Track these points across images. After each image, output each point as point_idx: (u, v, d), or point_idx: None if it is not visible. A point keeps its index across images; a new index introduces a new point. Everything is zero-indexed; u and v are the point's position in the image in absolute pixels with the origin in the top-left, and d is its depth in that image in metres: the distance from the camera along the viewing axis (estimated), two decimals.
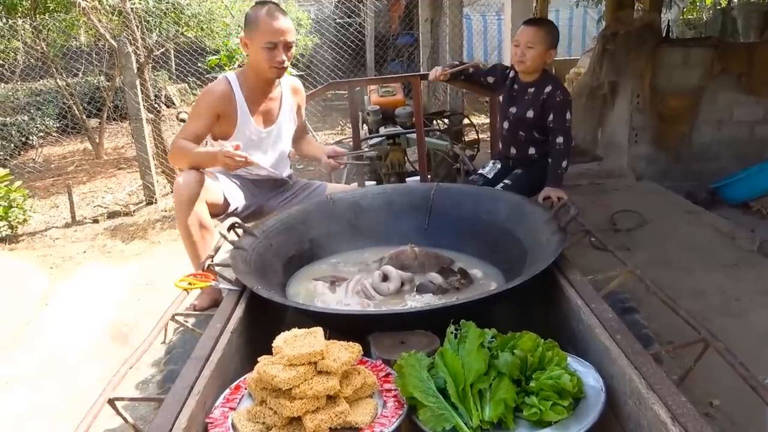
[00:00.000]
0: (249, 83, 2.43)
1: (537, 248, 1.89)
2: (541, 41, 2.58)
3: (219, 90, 2.36)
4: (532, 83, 2.68)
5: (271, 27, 2.32)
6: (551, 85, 2.62)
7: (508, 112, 2.74)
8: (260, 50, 2.33)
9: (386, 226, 2.33)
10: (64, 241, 5.11)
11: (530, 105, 2.66)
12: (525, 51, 2.59)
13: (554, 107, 2.60)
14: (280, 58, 2.36)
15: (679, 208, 4.58)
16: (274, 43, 2.33)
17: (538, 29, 2.60)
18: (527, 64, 2.62)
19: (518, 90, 2.73)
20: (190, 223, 2.12)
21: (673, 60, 5.10)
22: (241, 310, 1.65)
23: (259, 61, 2.36)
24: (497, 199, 2.23)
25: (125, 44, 5.29)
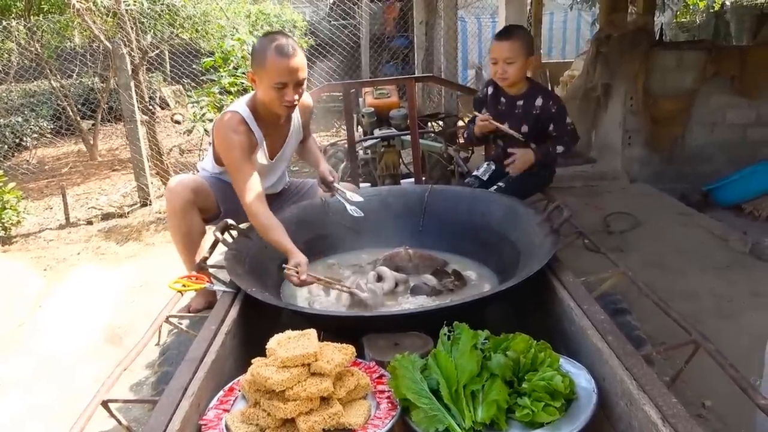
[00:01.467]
0: (261, 116, 2.28)
1: (530, 250, 1.90)
2: (519, 53, 2.48)
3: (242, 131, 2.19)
4: (520, 96, 2.61)
5: (281, 67, 2.12)
6: (542, 97, 2.56)
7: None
8: (269, 89, 2.15)
9: (381, 227, 2.34)
10: (58, 242, 5.09)
11: (522, 119, 2.58)
12: (505, 68, 2.49)
13: (552, 118, 2.55)
14: (291, 97, 2.17)
15: (672, 210, 4.60)
16: (283, 83, 2.14)
17: (513, 43, 2.48)
18: (510, 80, 2.53)
19: (506, 104, 2.65)
20: (182, 229, 2.10)
21: (667, 63, 5.12)
22: (235, 312, 1.66)
23: (267, 99, 2.20)
24: (491, 202, 2.25)
25: (120, 46, 5.28)
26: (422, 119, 5.38)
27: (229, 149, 2.17)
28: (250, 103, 2.30)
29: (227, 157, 2.19)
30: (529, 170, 2.55)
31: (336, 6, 14.11)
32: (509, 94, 2.63)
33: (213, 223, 2.30)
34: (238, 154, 2.15)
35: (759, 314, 3.09)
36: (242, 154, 2.16)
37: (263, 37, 2.26)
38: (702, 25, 9.72)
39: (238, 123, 2.21)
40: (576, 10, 10.49)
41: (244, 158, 2.16)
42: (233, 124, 2.20)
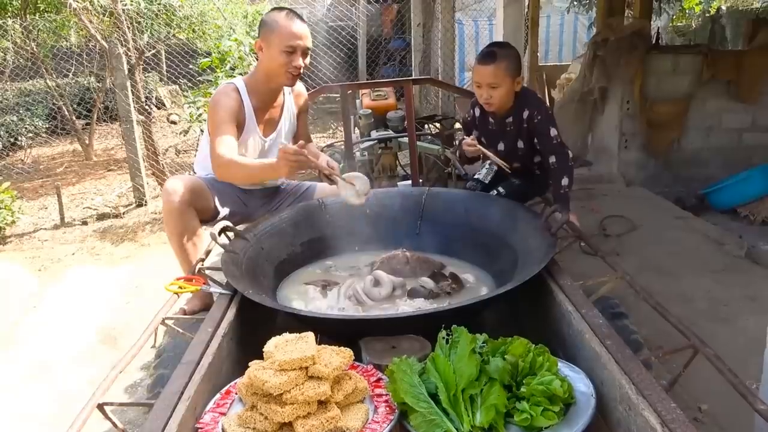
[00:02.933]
0: (257, 90, 2.38)
1: (528, 253, 1.90)
2: (504, 77, 2.29)
3: (232, 96, 2.30)
4: (507, 113, 2.42)
5: (291, 31, 2.27)
6: (527, 108, 2.37)
7: (497, 150, 2.49)
8: (278, 54, 2.28)
9: (378, 230, 2.33)
10: (52, 242, 5.07)
11: (516, 136, 2.45)
12: (490, 92, 2.31)
13: (536, 130, 2.39)
14: (298, 63, 2.31)
15: (669, 213, 4.61)
16: (293, 47, 2.28)
17: (496, 67, 2.28)
18: (497, 105, 2.37)
19: (496, 125, 2.49)
20: (179, 230, 2.10)
21: (663, 67, 5.14)
22: (231, 314, 1.65)
23: (274, 65, 2.31)
24: (489, 205, 2.24)
25: (116, 45, 5.27)
26: (419, 121, 5.38)
27: (215, 110, 2.29)
28: (248, 77, 2.42)
29: (212, 118, 2.30)
30: (532, 176, 2.51)
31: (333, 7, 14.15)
32: (498, 115, 2.46)
33: (210, 224, 2.29)
34: (222, 114, 2.26)
35: (755, 318, 3.10)
36: (227, 115, 2.26)
37: (272, 9, 2.39)
38: (698, 29, 9.76)
39: (231, 89, 2.34)
40: (573, 13, 10.50)
41: (228, 120, 2.26)
42: (226, 90, 2.35)
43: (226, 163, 2.16)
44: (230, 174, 2.23)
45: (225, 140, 2.20)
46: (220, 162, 2.18)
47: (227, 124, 2.22)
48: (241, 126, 2.33)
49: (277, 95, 2.46)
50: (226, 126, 2.22)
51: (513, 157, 2.50)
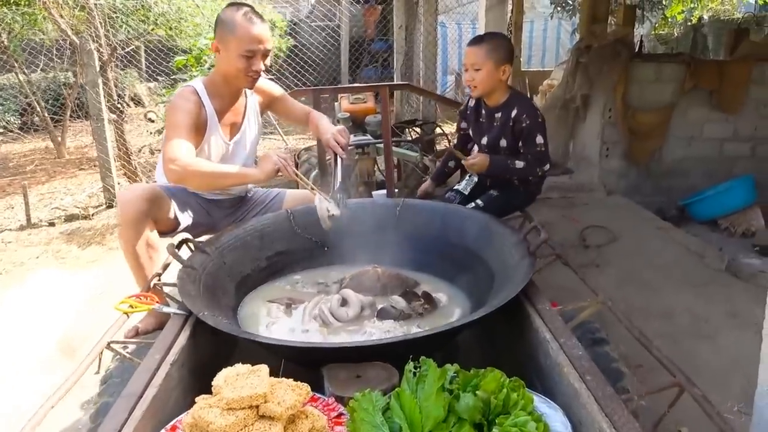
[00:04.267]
0: (218, 92, 2.24)
1: (505, 272, 1.80)
2: (487, 60, 2.34)
3: (191, 100, 2.15)
4: (498, 107, 2.46)
5: (250, 34, 2.12)
6: (517, 107, 2.40)
7: (481, 145, 2.53)
8: (236, 58, 2.14)
9: (349, 243, 2.22)
10: (16, 245, 4.87)
11: (501, 132, 2.44)
12: (474, 75, 2.38)
13: (521, 132, 2.39)
14: (258, 67, 2.18)
15: (649, 224, 4.55)
16: (252, 52, 2.14)
17: (479, 48, 2.36)
18: (479, 89, 2.41)
19: (485, 116, 2.52)
20: (134, 242, 1.95)
21: (646, 75, 5.09)
22: (184, 338, 1.52)
23: (232, 69, 2.17)
24: (465, 218, 2.14)
25: (87, 41, 5.09)
26: (399, 126, 5.28)
27: (172, 114, 2.13)
28: (207, 79, 2.28)
29: (169, 120, 2.13)
30: (511, 189, 2.44)
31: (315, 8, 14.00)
32: (489, 106, 2.49)
33: (171, 236, 2.16)
34: (180, 117, 2.11)
35: (736, 335, 3.04)
36: (184, 119, 2.11)
37: (229, 6, 2.23)
38: (680, 37, 9.78)
39: (190, 93, 2.20)
40: (556, 19, 10.48)
41: (185, 125, 2.10)
42: (184, 93, 2.20)
43: (182, 167, 1.99)
44: (185, 178, 2.04)
45: (179, 143, 2.04)
46: (174, 165, 1.99)
47: (183, 129, 2.07)
48: (203, 129, 2.19)
49: (239, 96, 2.33)
50: (182, 130, 2.07)
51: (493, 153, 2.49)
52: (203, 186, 2.17)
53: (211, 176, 2.05)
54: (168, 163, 1.99)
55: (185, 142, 2.06)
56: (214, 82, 2.25)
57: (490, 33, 2.60)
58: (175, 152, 2.01)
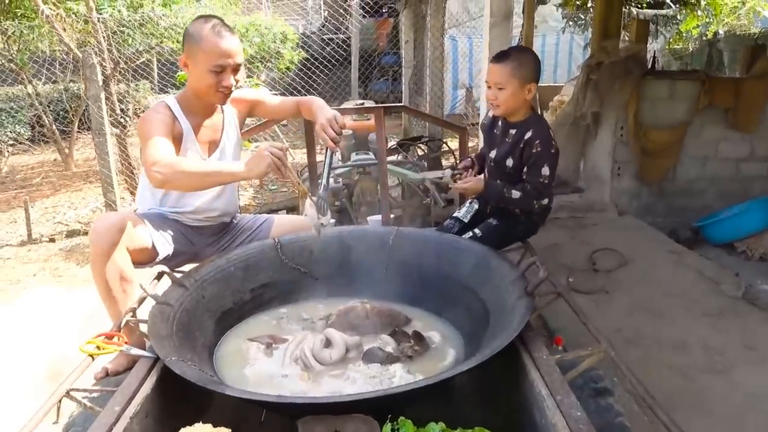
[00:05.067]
0: (191, 108, 2.13)
1: (501, 312, 1.67)
2: (512, 78, 2.19)
3: (164, 113, 2.05)
4: (515, 124, 2.30)
5: (219, 48, 2.01)
6: (533, 130, 2.21)
7: (488, 157, 2.39)
8: (205, 73, 2.03)
9: (339, 274, 2.11)
10: (15, 261, 4.81)
11: (510, 151, 2.29)
12: (497, 93, 2.22)
13: (529, 158, 2.22)
14: (228, 82, 2.07)
15: (662, 247, 4.39)
16: (222, 66, 2.03)
17: (504, 66, 2.20)
18: (502, 108, 2.25)
19: (500, 130, 2.37)
20: (107, 276, 1.83)
21: (659, 92, 4.95)
22: (150, 385, 1.41)
23: (202, 86, 2.07)
24: (461, 250, 2.01)
25: (90, 55, 5.04)
26: (405, 142, 5.18)
27: (146, 124, 2.01)
28: (180, 95, 2.18)
29: (143, 132, 1.99)
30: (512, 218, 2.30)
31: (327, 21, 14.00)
32: (507, 120, 2.35)
33: (150, 266, 2.04)
34: (155, 125, 1.99)
35: (752, 369, 2.88)
36: (160, 126, 2.00)
37: (197, 19, 2.11)
38: (695, 53, 9.61)
39: (162, 107, 2.09)
40: (569, 33, 10.35)
41: (162, 131, 1.99)
42: (157, 107, 2.10)
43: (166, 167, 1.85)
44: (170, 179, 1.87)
45: (158, 146, 1.92)
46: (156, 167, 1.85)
47: (161, 134, 1.96)
48: (178, 143, 2.08)
49: (214, 111, 2.22)
50: (160, 135, 1.95)
51: (497, 172, 2.37)
52: (191, 186, 1.99)
53: (198, 176, 1.89)
54: (150, 167, 1.87)
55: (165, 144, 1.95)
56: (187, 98, 2.15)
57: (516, 48, 2.43)
58: (156, 155, 1.89)
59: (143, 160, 1.98)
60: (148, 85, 11.67)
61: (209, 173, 1.89)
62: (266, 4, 12.70)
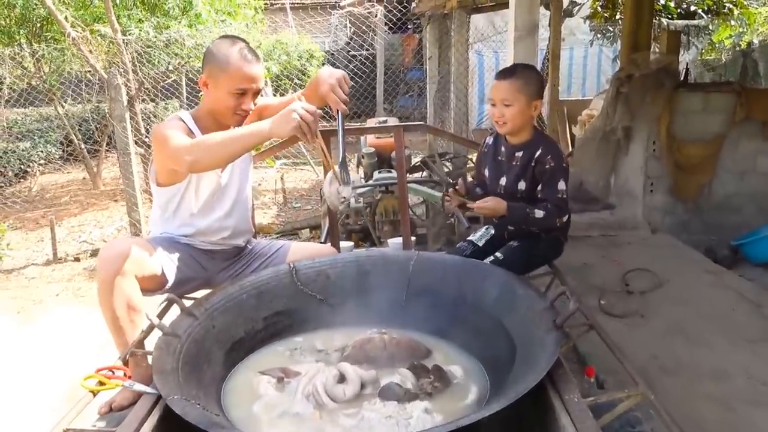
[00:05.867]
0: (205, 126, 2.07)
1: (528, 345, 1.55)
2: (518, 95, 2.13)
3: (179, 125, 1.98)
4: (520, 146, 2.23)
5: (243, 73, 1.98)
6: (541, 148, 2.17)
7: (498, 186, 2.29)
8: (226, 95, 2.00)
9: (357, 301, 2.00)
10: (39, 281, 4.82)
11: (521, 173, 2.22)
12: (503, 110, 2.15)
13: (542, 175, 2.16)
14: (247, 106, 2.03)
15: (698, 267, 4.19)
16: (244, 90, 2.00)
17: (510, 82, 2.14)
18: (509, 126, 2.17)
19: (505, 155, 2.29)
20: (113, 305, 1.75)
21: (692, 105, 4.79)
22: (150, 426, 1.32)
23: (220, 107, 2.02)
24: (485, 276, 1.90)
25: (115, 76, 5.07)
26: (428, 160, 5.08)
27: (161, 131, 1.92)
28: (194, 112, 2.12)
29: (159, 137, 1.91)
30: (533, 238, 2.19)
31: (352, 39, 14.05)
32: (510, 143, 2.27)
33: (159, 293, 1.97)
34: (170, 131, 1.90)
35: None
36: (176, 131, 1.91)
37: (222, 39, 2.06)
38: (728, 63, 9.35)
39: (177, 119, 2.03)
40: (597, 46, 10.17)
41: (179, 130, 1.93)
42: (171, 121, 2.02)
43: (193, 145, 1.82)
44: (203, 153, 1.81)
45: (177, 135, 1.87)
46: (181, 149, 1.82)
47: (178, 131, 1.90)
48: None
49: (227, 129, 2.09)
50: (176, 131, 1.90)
51: (510, 198, 2.26)
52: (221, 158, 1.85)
53: (224, 144, 1.79)
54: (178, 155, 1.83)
55: (184, 136, 1.90)
56: (202, 116, 2.10)
57: (521, 65, 2.35)
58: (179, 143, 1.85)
59: (162, 160, 1.96)
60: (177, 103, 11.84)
61: (234, 138, 1.80)
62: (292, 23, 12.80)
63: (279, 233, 5.47)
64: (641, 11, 5.10)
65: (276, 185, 7.50)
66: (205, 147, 1.82)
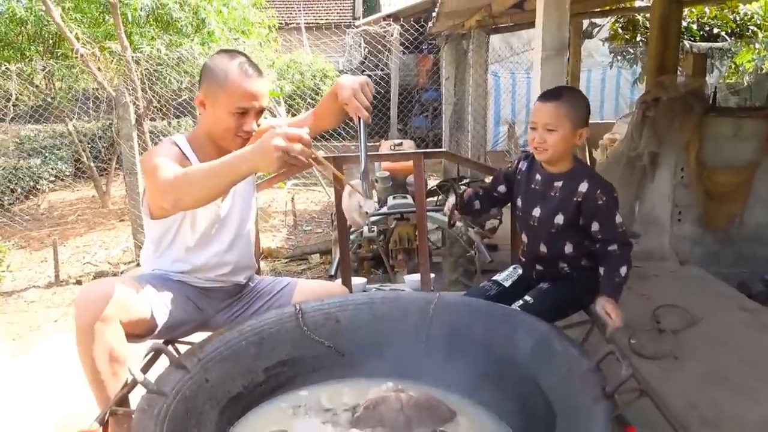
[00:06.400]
0: (202, 150, 1.87)
1: (571, 416, 1.33)
2: (564, 120, 1.94)
3: (172, 150, 1.78)
4: (560, 175, 2.04)
5: (244, 89, 1.78)
6: (587, 182, 1.97)
7: (531, 216, 2.09)
8: (226, 115, 1.80)
9: (370, 349, 1.79)
10: (39, 305, 4.65)
11: (559, 207, 2.01)
12: (545, 136, 1.95)
13: (596, 213, 1.96)
14: (249, 127, 1.83)
15: (732, 303, 3.93)
16: (245, 109, 1.80)
17: (557, 106, 1.94)
18: (549, 153, 1.97)
19: (541, 183, 2.08)
20: (93, 355, 1.55)
21: (723, 131, 4.55)
22: None
23: (219, 129, 1.82)
24: (517, 326, 1.67)
25: (123, 94, 4.94)
26: (444, 184, 4.87)
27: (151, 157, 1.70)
28: (190, 136, 1.90)
29: (147, 165, 1.68)
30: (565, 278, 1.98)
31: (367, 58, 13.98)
32: (548, 171, 2.06)
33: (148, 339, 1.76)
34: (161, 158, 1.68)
35: None
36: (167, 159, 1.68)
37: (220, 53, 1.86)
38: (753, 87, 9.12)
39: (170, 144, 1.82)
40: (616, 68, 9.98)
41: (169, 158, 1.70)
42: (163, 144, 1.81)
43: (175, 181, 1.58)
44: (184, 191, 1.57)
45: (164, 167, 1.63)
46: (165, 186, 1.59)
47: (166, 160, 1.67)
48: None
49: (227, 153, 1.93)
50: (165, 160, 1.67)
51: (545, 233, 2.07)
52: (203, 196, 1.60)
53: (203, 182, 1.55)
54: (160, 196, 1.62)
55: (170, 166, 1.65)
56: (199, 139, 1.89)
57: (568, 88, 2.15)
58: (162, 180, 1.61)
59: (150, 186, 1.72)
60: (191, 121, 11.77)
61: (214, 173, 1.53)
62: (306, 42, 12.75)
63: (288, 258, 5.27)
64: (668, 32, 4.90)
65: (286, 207, 7.32)
66: (188, 184, 1.57)
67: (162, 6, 6.40)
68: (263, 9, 8.51)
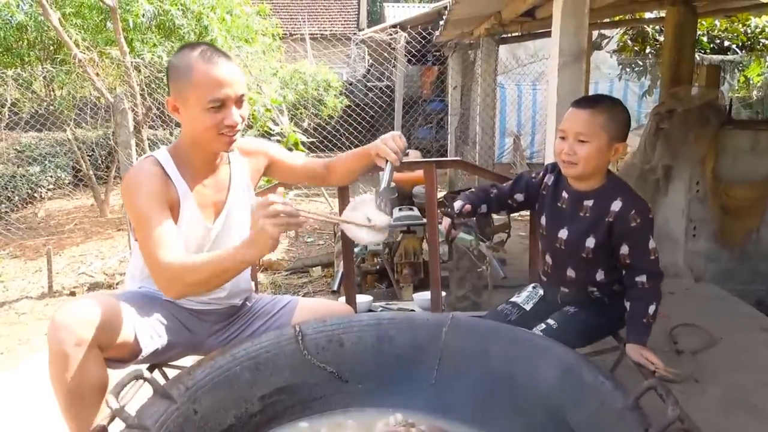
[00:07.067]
0: (188, 162, 1.70)
1: None
2: (599, 131, 1.73)
3: (153, 173, 1.60)
4: (590, 193, 1.84)
5: (212, 78, 1.58)
6: (621, 200, 1.77)
7: (556, 238, 1.91)
8: (200, 113, 1.60)
9: (376, 376, 1.63)
10: (30, 317, 4.49)
11: (591, 228, 1.82)
12: (575, 147, 1.75)
13: (628, 236, 1.77)
14: (232, 119, 1.62)
15: (752, 322, 3.77)
16: (220, 100, 1.60)
17: (593, 115, 1.73)
18: (579, 168, 1.77)
19: (569, 201, 1.88)
20: (70, 385, 1.38)
21: (740, 144, 4.42)
22: None
23: (200, 127, 1.62)
24: (540, 354, 1.51)
25: (122, 100, 4.80)
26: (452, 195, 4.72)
27: (133, 196, 1.58)
28: (172, 148, 1.73)
29: (132, 209, 1.58)
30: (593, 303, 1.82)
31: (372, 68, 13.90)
32: (576, 189, 1.86)
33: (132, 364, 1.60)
34: (145, 199, 1.56)
35: None
36: (152, 199, 1.56)
37: (181, 49, 1.68)
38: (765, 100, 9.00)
39: (151, 163, 1.65)
40: (624, 81, 9.86)
41: (156, 206, 1.56)
42: (142, 166, 1.64)
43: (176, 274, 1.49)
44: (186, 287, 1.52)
45: (163, 238, 1.51)
46: (166, 274, 1.50)
47: (157, 212, 1.54)
48: (175, 211, 1.65)
49: (216, 163, 1.77)
50: (157, 214, 1.54)
51: (573, 256, 1.87)
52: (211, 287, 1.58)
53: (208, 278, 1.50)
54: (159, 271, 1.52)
55: (167, 233, 1.53)
56: (182, 149, 1.71)
57: (606, 97, 1.90)
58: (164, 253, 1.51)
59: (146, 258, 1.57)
60: None
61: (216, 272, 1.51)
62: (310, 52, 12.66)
63: (289, 270, 5.11)
64: (683, 42, 4.79)
65: None
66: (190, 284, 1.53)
67: (165, 13, 6.30)
68: (267, 17, 8.42)
